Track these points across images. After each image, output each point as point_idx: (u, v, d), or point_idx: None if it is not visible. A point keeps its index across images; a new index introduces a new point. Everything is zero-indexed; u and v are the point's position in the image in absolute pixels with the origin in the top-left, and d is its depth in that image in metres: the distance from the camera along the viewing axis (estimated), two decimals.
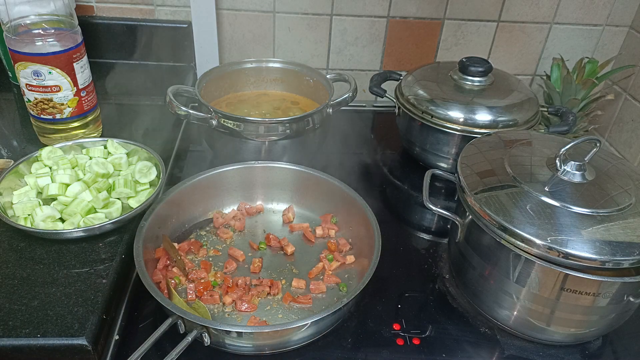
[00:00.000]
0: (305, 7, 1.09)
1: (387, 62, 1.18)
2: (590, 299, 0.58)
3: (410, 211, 0.91)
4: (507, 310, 0.64)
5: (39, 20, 0.76)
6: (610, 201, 0.61)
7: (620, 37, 1.14)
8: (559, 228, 0.57)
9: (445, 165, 0.93)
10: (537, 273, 0.58)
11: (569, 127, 0.88)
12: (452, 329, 0.67)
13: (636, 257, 0.55)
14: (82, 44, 0.80)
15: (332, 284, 0.70)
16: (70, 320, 0.56)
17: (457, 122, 0.87)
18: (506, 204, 0.61)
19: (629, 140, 1.08)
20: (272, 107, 0.98)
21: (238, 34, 1.13)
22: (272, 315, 0.65)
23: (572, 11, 1.12)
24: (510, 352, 0.65)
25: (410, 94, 0.93)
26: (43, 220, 0.67)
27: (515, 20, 1.13)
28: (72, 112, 0.82)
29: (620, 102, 1.11)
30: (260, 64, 1.00)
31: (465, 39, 1.15)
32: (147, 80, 1.09)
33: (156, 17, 1.11)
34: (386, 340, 0.64)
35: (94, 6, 1.09)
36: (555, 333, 0.63)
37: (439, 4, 1.10)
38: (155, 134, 0.89)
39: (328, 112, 0.89)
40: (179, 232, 0.76)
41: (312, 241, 0.77)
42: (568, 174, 0.64)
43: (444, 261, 0.77)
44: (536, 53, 1.18)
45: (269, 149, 0.85)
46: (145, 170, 0.77)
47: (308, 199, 0.82)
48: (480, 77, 0.91)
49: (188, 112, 0.82)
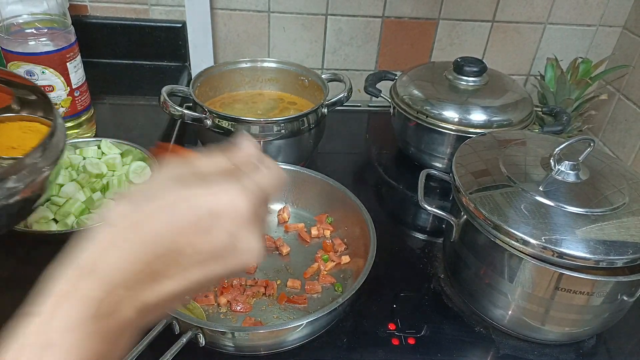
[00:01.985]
0: (300, 7, 1.09)
1: (382, 62, 1.18)
2: (584, 298, 0.58)
3: (405, 211, 0.92)
4: (502, 310, 0.64)
5: (32, 19, 0.75)
6: (604, 201, 0.61)
7: (614, 38, 1.15)
8: (554, 227, 0.57)
9: (440, 165, 0.93)
10: (532, 272, 0.59)
11: (563, 127, 0.88)
12: (448, 328, 0.67)
13: (630, 257, 0.55)
14: (76, 43, 0.79)
15: (328, 284, 0.70)
16: None
17: (451, 122, 0.87)
18: (501, 203, 0.61)
19: (622, 140, 1.09)
20: (267, 107, 0.97)
21: (233, 33, 1.13)
22: (267, 316, 0.65)
23: (566, 11, 1.12)
24: (505, 351, 0.65)
25: (405, 94, 0.93)
26: (36, 220, 0.67)
27: (510, 21, 1.13)
28: (65, 112, 0.81)
29: (613, 102, 1.12)
30: (255, 63, 1.00)
31: (459, 39, 1.15)
32: (141, 80, 1.09)
33: (150, 16, 1.11)
34: (381, 340, 0.64)
35: (87, 5, 1.09)
36: (550, 332, 0.63)
37: (434, 4, 1.10)
38: (149, 134, 0.89)
39: (323, 112, 0.89)
40: None
41: (308, 241, 0.77)
42: (562, 174, 0.64)
43: (439, 261, 0.78)
44: (530, 53, 1.18)
45: (263, 149, 0.85)
46: (139, 170, 0.77)
47: (303, 199, 0.82)
48: (474, 77, 0.92)
49: (182, 112, 0.82)
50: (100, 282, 0.30)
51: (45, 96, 0.60)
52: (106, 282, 0.30)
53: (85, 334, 0.28)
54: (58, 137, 0.54)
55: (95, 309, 0.29)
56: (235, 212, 0.33)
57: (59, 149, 0.54)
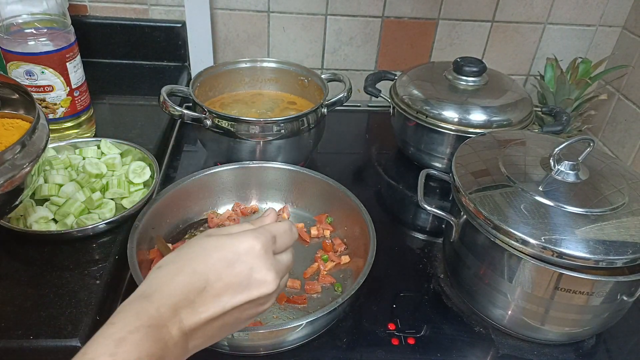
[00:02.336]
0: (299, 7, 1.09)
1: (382, 62, 1.18)
2: (584, 298, 0.58)
3: (405, 211, 0.92)
4: (501, 310, 0.64)
5: (32, 19, 0.75)
6: (604, 201, 0.61)
7: (613, 38, 1.15)
8: (553, 227, 0.57)
9: (440, 165, 0.93)
10: (532, 272, 0.59)
11: (562, 127, 0.88)
12: (447, 328, 0.67)
13: (629, 256, 0.55)
14: (75, 43, 0.79)
15: (327, 284, 0.70)
16: (63, 321, 0.56)
17: (451, 122, 0.87)
18: (500, 203, 0.61)
19: (622, 140, 1.09)
20: (267, 107, 0.97)
21: (232, 33, 1.13)
22: (266, 316, 0.65)
23: (566, 11, 1.12)
24: (504, 351, 0.65)
25: (405, 93, 0.93)
26: (36, 221, 0.67)
27: (510, 21, 1.13)
28: (65, 112, 0.81)
29: (613, 102, 1.12)
30: (255, 63, 0.99)
31: (459, 39, 1.15)
32: (140, 80, 1.09)
33: (150, 16, 1.11)
34: (381, 340, 0.64)
35: (87, 5, 1.09)
36: (550, 332, 0.63)
37: (434, 4, 1.10)
38: (149, 134, 0.89)
39: (323, 112, 0.89)
40: (174, 233, 0.75)
41: (307, 241, 0.77)
42: (562, 174, 0.64)
43: (438, 261, 0.78)
44: (530, 53, 1.18)
45: (263, 149, 0.85)
46: (139, 170, 0.77)
47: (303, 199, 0.82)
48: (474, 77, 0.92)
49: (182, 112, 0.82)
50: (154, 304, 0.40)
51: (28, 94, 0.61)
52: (157, 304, 0.40)
53: (144, 334, 0.37)
54: (39, 133, 0.56)
55: (150, 320, 0.38)
56: (251, 249, 0.43)
57: (41, 146, 0.56)
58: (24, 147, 0.53)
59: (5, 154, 0.51)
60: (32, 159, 0.54)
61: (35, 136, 0.55)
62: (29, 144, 0.54)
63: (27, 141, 0.54)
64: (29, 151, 0.54)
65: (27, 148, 0.54)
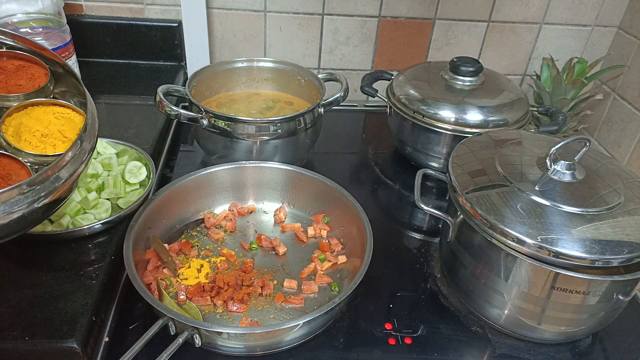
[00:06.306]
0: (296, 7, 1.09)
1: (379, 62, 1.18)
2: (580, 298, 0.58)
3: (401, 211, 0.92)
4: (498, 309, 0.65)
5: (27, 18, 0.75)
6: (600, 200, 0.61)
7: (609, 38, 1.15)
8: (549, 227, 0.57)
9: (437, 165, 0.93)
10: (528, 272, 0.59)
11: (558, 126, 0.88)
12: (444, 328, 0.67)
13: (625, 256, 0.55)
14: (71, 42, 0.79)
15: (324, 284, 0.70)
16: (59, 322, 0.56)
17: (448, 121, 0.87)
18: (497, 203, 0.61)
19: (617, 140, 1.09)
20: (264, 107, 0.97)
21: (229, 33, 1.12)
22: (263, 316, 0.65)
23: (562, 12, 1.13)
24: (501, 350, 0.65)
25: (402, 93, 0.93)
26: None
27: (506, 21, 1.13)
28: None
29: (609, 102, 1.12)
30: (252, 63, 0.99)
31: (456, 39, 1.16)
32: (137, 80, 1.09)
33: (146, 16, 1.11)
34: (378, 339, 0.64)
35: (83, 5, 1.08)
36: (546, 331, 0.63)
37: (430, 4, 1.10)
38: (145, 133, 0.89)
39: (319, 111, 0.89)
40: (170, 233, 0.75)
41: (304, 241, 0.77)
42: (558, 174, 0.64)
43: (435, 260, 0.78)
44: (526, 53, 1.18)
45: (260, 148, 0.85)
46: (135, 170, 0.76)
47: (300, 199, 0.82)
48: (471, 77, 0.92)
49: (178, 111, 0.82)
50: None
51: (74, 75, 0.59)
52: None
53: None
54: (91, 130, 0.56)
55: None
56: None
57: (92, 145, 0.56)
58: (80, 146, 0.53)
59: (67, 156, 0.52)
60: (83, 160, 0.54)
61: (88, 132, 0.55)
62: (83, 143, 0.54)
63: (82, 140, 0.53)
64: (82, 151, 0.54)
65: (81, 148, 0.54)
